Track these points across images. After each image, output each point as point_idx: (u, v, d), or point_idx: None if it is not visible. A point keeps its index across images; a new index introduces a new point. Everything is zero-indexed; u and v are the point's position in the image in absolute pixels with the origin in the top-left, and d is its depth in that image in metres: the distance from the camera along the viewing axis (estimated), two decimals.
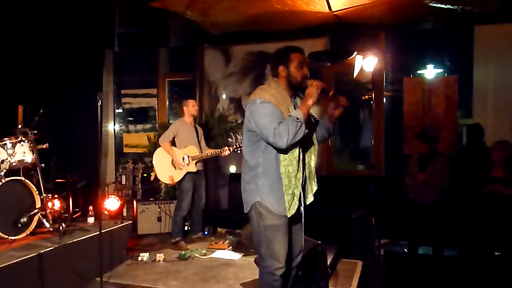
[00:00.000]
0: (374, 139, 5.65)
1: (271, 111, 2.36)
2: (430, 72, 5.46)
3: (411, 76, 5.55)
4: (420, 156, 4.57)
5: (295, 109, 2.45)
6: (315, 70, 2.57)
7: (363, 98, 5.68)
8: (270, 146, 2.40)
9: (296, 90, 2.52)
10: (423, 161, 4.51)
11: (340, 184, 5.50)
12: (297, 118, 2.32)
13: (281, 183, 2.40)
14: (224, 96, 6.40)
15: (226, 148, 4.82)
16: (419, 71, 5.51)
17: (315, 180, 2.59)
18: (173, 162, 4.91)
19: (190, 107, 5.00)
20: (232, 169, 6.29)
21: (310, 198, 2.57)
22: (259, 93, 2.42)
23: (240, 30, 5.68)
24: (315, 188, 2.58)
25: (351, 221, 4.68)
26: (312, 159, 2.55)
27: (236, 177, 5.00)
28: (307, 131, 2.39)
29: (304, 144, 2.47)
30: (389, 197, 5.13)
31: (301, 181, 2.44)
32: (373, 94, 5.62)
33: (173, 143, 4.98)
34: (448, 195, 4.43)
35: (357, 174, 5.78)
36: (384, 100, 5.61)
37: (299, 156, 2.44)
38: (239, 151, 4.73)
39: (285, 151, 2.37)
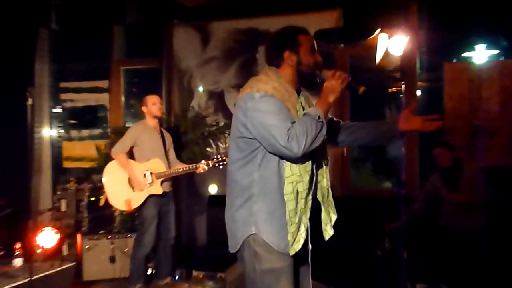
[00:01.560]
0: (405, 147, 5.64)
1: (278, 107, 2.39)
2: (480, 55, 5.43)
3: (454, 61, 5.53)
4: (443, 172, 4.58)
5: (303, 109, 2.50)
6: (323, 55, 2.56)
7: (389, 91, 5.65)
8: (271, 156, 2.43)
9: (307, 83, 2.59)
10: (448, 177, 4.51)
11: (359, 208, 5.52)
12: (318, 117, 2.35)
13: (285, 207, 2.40)
14: (200, 90, 6.48)
15: (204, 162, 4.88)
16: (464, 54, 5.49)
17: (333, 206, 2.62)
18: (130, 181, 4.93)
19: (151, 106, 5.04)
20: (213, 189, 6.33)
21: (328, 232, 2.60)
22: (256, 85, 2.45)
23: (221, 0, 5.68)
24: (334, 217, 2.61)
25: (375, 258, 4.68)
26: (324, 177, 2.59)
27: (218, 200, 4.84)
28: (326, 136, 2.42)
29: (313, 156, 2.49)
30: (426, 225, 5.09)
31: (310, 206, 2.46)
32: (403, 85, 5.54)
33: (131, 155, 5.02)
34: (494, 218, 4.46)
35: (382, 194, 5.86)
36: (418, 94, 5.60)
37: (312, 170, 2.46)
38: (221, 166, 4.82)
39: (294, 162, 2.40)
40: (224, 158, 4.86)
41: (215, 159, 4.88)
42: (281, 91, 2.45)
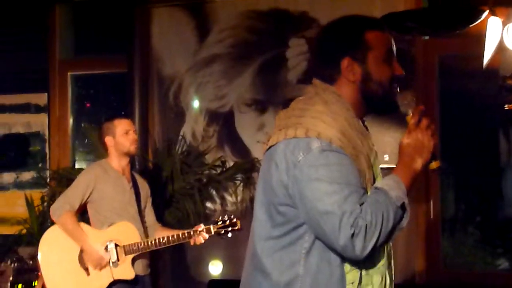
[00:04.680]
0: None
1: (347, 173, 2.40)
2: None
3: None
4: None
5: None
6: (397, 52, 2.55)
7: (505, 108, 5.63)
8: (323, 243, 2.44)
9: (375, 110, 2.65)
10: None
11: None
12: (403, 204, 2.39)
13: None
14: (195, 107, 6.51)
15: (202, 226, 4.89)
16: None
17: None
18: (82, 259, 4.92)
19: (120, 136, 5.05)
20: (215, 269, 6.32)
21: None
22: (314, 126, 2.45)
23: None
24: None
25: None
26: (392, 269, 2.65)
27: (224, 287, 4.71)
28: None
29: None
30: None
31: None
32: None
33: (83, 215, 5.04)
34: None
35: (497, 280, 5.80)
36: None
37: (387, 262, 2.55)
38: (230, 234, 4.86)
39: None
40: (234, 220, 4.87)
41: (220, 223, 4.87)
42: (353, 136, 2.46)
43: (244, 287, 2.60)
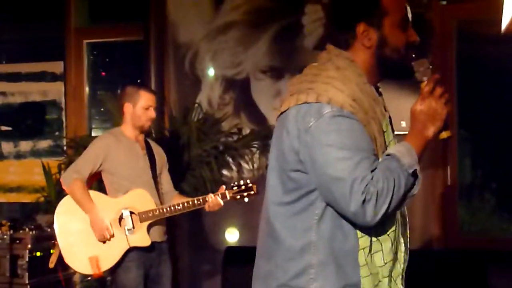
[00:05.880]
0: None
1: (357, 139, 2.40)
2: None
3: None
4: None
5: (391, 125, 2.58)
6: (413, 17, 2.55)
7: None
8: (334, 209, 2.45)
9: (390, 76, 2.63)
10: None
11: (474, 271, 5.53)
12: (414, 171, 2.39)
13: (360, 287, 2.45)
14: (211, 75, 6.52)
15: (219, 191, 4.91)
16: None
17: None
18: (95, 225, 4.92)
19: (139, 108, 5.03)
20: (232, 237, 6.39)
21: None
22: (325, 91, 2.44)
23: None
24: None
25: None
26: (407, 237, 2.66)
27: (240, 255, 4.74)
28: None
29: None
30: None
31: (399, 284, 2.56)
32: None
33: (99, 185, 5.06)
34: None
35: None
36: None
37: (401, 229, 2.56)
38: (247, 198, 4.89)
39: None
40: (250, 184, 4.89)
41: (235, 188, 4.89)
42: (364, 102, 2.45)
43: (259, 253, 2.61)
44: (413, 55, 2.50)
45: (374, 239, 2.44)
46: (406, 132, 2.55)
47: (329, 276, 2.43)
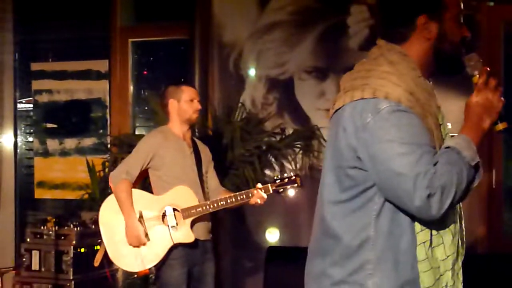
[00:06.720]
0: None
1: (417, 133, 2.39)
2: None
3: None
4: None
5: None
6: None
7: None
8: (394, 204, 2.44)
9: (443, 70, 2.62)
10: None
11: None
12: (477, 164, 2.38)
13: (418, 283, 2.43)
14: (255, 75, 6.50)
15: (260, 185, 4.95)
16: None
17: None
18: (142, 223, 4.95)
19: (184, 103, 5.07)
20: (273, 236, 6.34)
21: None
22: (381, 86, 2.44)
23: None
24: None
25: None
26: (463, 230, 2.62)
27: (283, 254, 4.71)
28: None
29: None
30: None
31: (460, 277, 2.55)
32: None
33: (144, 182, 5.09)
34: None
35: None
36: None
37: (455, 226, 2.53)
38: (290, 191, 4.95)
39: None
40: (293, 177, 4.93)
41: (278, 181, 4.92)
42: (420, 96, 2.44)
43: (313, 252, 2.60)
44: (464, 51, 2.50)
45: (434, 232, 2.42)
46: (452, 134, 2.55)
47: (387, 272, 2.42)
